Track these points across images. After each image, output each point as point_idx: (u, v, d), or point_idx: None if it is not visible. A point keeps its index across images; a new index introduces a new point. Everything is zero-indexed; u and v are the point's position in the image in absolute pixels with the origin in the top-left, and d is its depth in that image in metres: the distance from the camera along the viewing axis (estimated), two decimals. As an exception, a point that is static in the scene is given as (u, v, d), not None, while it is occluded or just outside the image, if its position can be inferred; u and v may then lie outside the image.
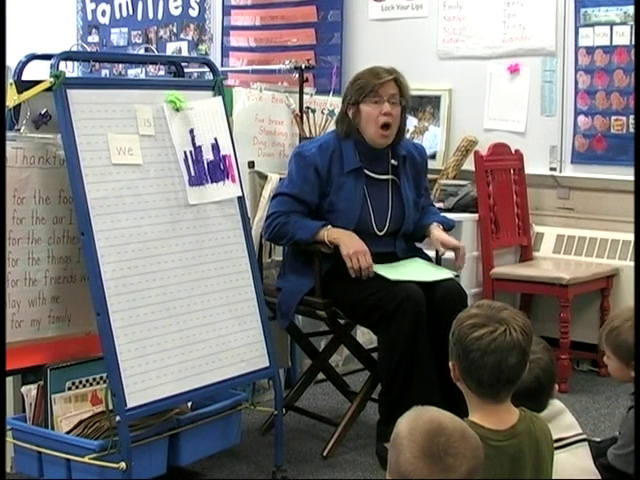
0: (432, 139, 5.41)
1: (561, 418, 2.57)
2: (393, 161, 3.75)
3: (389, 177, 3.75)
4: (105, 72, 6.84)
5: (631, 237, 4.69)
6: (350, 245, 3.53)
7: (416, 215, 3.81)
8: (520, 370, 2.13)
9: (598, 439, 3.10)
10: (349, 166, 3.66)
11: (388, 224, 3.71)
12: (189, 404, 3.27)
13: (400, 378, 3.42)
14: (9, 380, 3.12)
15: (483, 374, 2.09)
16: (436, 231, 3.77)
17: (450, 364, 2.17)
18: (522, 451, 2.13)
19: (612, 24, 4.87)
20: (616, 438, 2.93)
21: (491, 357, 2.07)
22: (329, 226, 3.60)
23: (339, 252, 3.54)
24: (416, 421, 1.84)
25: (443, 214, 4.03)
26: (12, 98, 2.97)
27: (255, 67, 5.56)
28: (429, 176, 4.09)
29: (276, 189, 3.87)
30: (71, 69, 5.76)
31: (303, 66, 4.98)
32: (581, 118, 5.02)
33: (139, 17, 6.88)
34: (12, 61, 3.14)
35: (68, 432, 2.99)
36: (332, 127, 4.63)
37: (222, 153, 3.33)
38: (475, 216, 4.91)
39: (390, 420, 1.90)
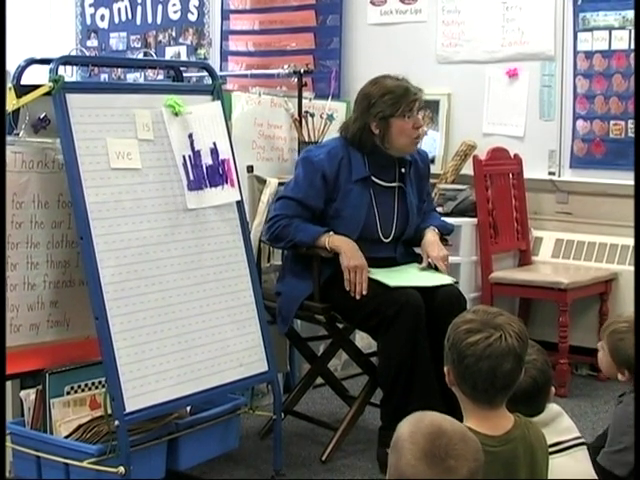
0: (431, 143, 5.40)
1: (559, 422, 2.56)
2: (402, 169, 3.75)
3: (396, 184, 3.75)
4: (104, 76, 6.84)
5: (630, 241, 4.69)
6: (351, 257, 3.52)
7: (418, 220, 3.81)
8: (515, 376, 2.12)
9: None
10: (357, 175, 3.65)
11: (394, 231, 3.72)
12: (188, 408, 3.26)
13: (400, 384, 3.41)
14: (8, 385, 3.11)
15: (478, 380, 2.09)
16: (430, 235, 3.76)
17: (445, 369, 2.17)
18: (517, 457, 2.13)
19: (611, 29, 4.87)
20: (605, 434, 2.94)
21: (486, 363, 2.07)
22: (331, 233, 3.60)
23: (338, 258, 3.54)
24: (417, 425, 1.84)
25: (442, 218, 4.02)
26: (11, 102, 2.97)
27: (254, 71, 5.56)
28: (428, 180, 4.09)
29: (280, 192, 3.85)
30: (70, 73, 5.74)
31: (302, 70, 4.98)
32: (580, 123, 5.03)
33: (138, 21, 6.88)
34: (11, 65, 3.15)
35: (67, 436, 2.99)
36: (331, 131, 4.67)
37: (221, 157, 3.34)
38: (474, 220, 4.92)
39: (392, 426, 1.90)
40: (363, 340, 4.34)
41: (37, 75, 3.09)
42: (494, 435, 2.11)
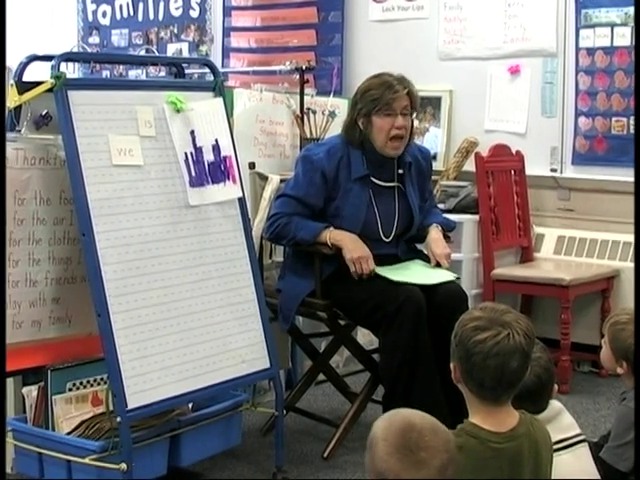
0: (433, 140, 5.40)
1: (561, 419, 2.57)
2: (400, 170, 3.73)
3: (395, 184, 3.74)
4: (106, 73, 6.84)
5: (631, 238, 4.69)
6: (354, 249, 3.52)
7: (421, 218, 3.80)
8: (522, 374, 2.13)
9: (595, 439, 3.10)
10: (356, 174, 3.63)
11: (395, 230, 3.71)
12: (190, 405, 3.27)
13: (402, 380, 3.41)
14: (10, 381, 3.12)
15: (485, 377, 2.09)
16: (434, 232, 3.76)
17: (451, 365, 2.17)
18: (521, 453, 2.13)
19: (613, 25, 4.86)
20: (609, 434, 2.95)
21: (493, 360, 2.07)
22: (331, 228, 3.60)
23: (341, 255, 3.54)
24: (389, 421, 1.86)
25: (444, 215, 4.02)
26: (13, 99, 2.97)
27: (256, 68, 5.56)
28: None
29: (280, 190, 3.86)
30: (72, 70, 5.76)
31: (304, 67, 4.98)
32: (582, 119, 5.02)
33: (140, 18, 6.88)
34: (13, 62, 3.15)
35: (69, 433, 2.99)
36: (333, 128, 4.67)
37: (223, 154, 3.34)
38: (476, 217, 4.92)
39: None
40: (365, 337, 4.34)
41: (39, 72, 3.09)
42: (499, 432, 2.11)
